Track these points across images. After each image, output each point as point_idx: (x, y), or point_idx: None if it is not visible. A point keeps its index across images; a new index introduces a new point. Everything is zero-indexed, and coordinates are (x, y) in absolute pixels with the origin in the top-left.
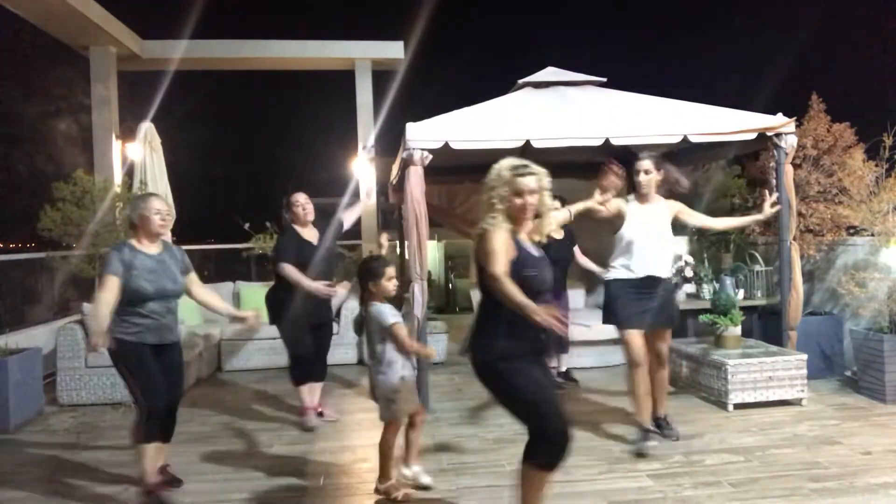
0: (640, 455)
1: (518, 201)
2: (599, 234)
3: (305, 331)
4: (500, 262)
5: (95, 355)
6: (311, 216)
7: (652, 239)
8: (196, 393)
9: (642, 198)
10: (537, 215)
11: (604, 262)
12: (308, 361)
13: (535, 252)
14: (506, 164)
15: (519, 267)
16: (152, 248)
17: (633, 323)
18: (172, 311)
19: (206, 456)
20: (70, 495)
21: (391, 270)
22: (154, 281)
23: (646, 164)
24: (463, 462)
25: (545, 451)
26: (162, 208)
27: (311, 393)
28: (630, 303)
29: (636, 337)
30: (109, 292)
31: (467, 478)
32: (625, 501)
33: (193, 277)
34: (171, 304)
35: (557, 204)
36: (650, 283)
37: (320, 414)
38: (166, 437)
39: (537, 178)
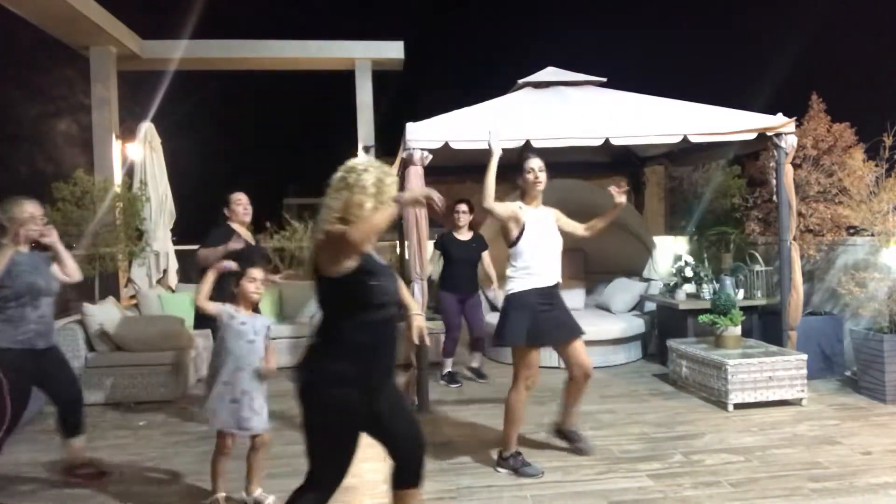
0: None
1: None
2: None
3: None
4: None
5: (95, 355)
6: (249, 216)
7: (554, 244)
8: (196, 393)
9: (535, 200)
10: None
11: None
12: None
13: (381, 261)
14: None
15: (363, 275)
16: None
17: (545, 338)
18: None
19: (206, 456)
20: (70, 495)
21: (258, 272)
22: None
23: (540, 162)
24: (463, 462)
25: (307, 498)
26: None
27: None
28: (539, 315)
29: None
30: None
31: (467, 478)
32: (625, 501)
33: None
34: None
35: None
36: (555, 291)
37: None
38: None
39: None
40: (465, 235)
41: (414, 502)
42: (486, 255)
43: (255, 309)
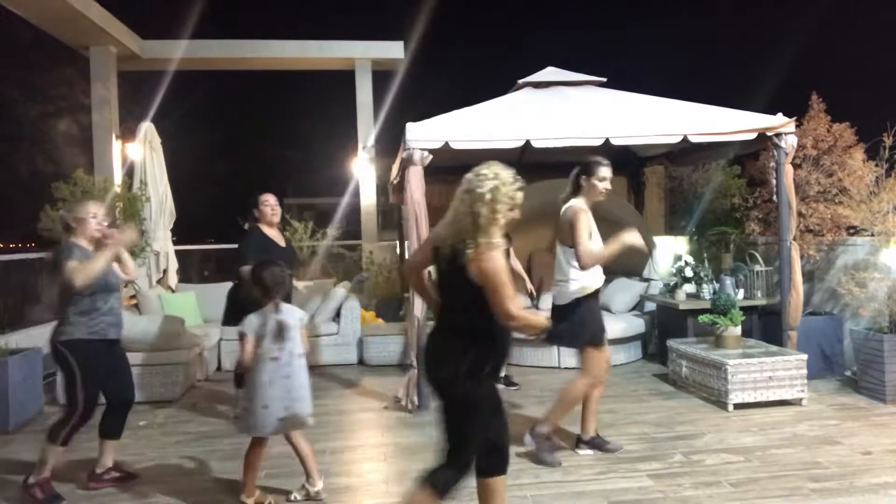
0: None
1: (511, 215)
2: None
3: None
4: (514, 297)
5: None
6: (277, 217)
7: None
8: (196, 393)
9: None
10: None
11: None
12: None
13: None
14: (505, 176)
15: None
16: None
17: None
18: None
19: (206, 456)
20: (70, 495)
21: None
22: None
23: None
24: None
25: (450, 476)
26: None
27: None
28: (599, 314)
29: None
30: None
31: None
32: (625, 501)
33: None
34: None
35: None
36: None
37: None
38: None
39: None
40: None
41: (504, 489)
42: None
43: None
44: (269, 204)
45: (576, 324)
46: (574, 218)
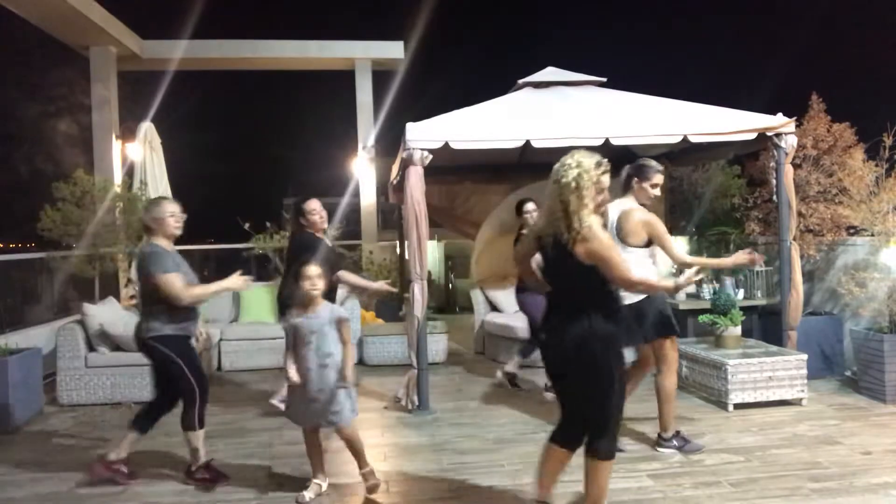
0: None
1: (601, 199)
2: None
3: None
4: (628, 266)
5: (95, 355)
6: (325, 223)
7: None
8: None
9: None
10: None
11: None
12: None
13: None
14: (588, 163)
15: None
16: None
17: None
18: None
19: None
20: (70, 495)
21: (312, 269)
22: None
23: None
24: (463, 462)
25: (609, 443)
26: (176, 210)
27: None
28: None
29: None
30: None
31: (468, 478)
32: (625, 501)
33: None
34: None
35: None
36: None
37: None
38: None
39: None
40: None
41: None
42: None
43: (331, 298)
44: (317, 212)
45: (646, 319)
46: (652, 221)
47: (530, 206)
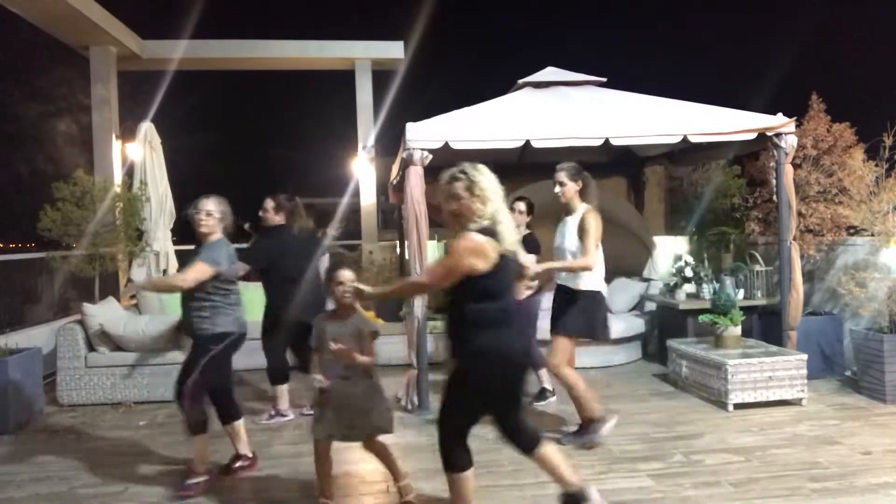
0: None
1: (448, 207)
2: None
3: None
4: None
5: (95, 355)
6: (272, 214)
7: None
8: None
9: None
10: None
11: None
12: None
13: None
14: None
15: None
16: None
17: None
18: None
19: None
20: (70, 495)
21: (346, 274)
22: None
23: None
24: None
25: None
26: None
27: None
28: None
29: None
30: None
31: None
32: (625, 501)
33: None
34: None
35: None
36: None
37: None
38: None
39: None
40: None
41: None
42: (531, 258)
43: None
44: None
45: (600, 318)
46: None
47: (520, 205)
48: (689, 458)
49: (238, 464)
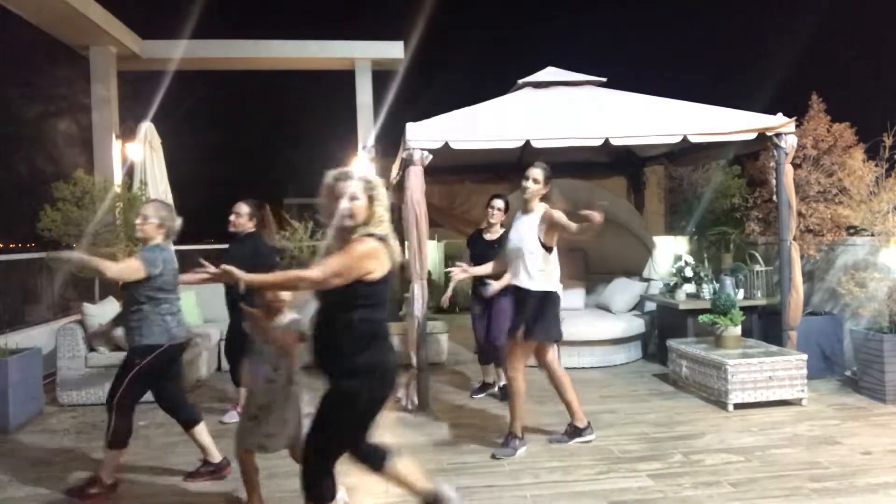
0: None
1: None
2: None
3: None
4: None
5: (95, 355)
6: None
7: None
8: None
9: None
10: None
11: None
12: None
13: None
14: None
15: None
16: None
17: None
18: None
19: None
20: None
21: None
22: None
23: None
24: (463, 462)
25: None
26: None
27: None
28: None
29: None
30: None
31: (467, 478)
32: (625, 501)
33: None
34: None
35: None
36: None
37: None
38: None
39: None
40: (492, 235)
41: None
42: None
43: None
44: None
45: (552, 320)
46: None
47: (498, 202)
48: (689, 457)
49: (202, 469)
